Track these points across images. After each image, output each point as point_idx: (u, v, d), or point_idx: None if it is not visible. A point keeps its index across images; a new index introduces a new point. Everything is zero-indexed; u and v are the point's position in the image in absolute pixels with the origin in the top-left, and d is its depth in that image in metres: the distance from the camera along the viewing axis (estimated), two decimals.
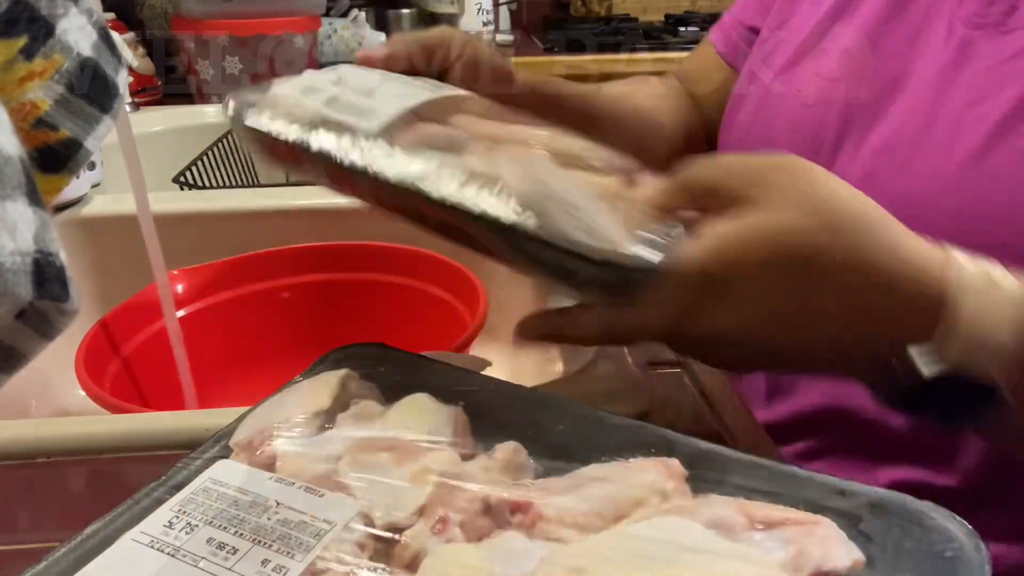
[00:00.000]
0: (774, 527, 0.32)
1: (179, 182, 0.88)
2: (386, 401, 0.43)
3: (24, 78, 0.28)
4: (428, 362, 0.47)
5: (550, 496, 0.35)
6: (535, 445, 0.39)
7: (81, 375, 0.58)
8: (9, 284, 0.23)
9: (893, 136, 0.53)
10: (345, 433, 0.39)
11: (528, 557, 0.32)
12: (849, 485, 0.35)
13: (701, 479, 0.36)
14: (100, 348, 0.65)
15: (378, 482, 0.36)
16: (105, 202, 0.83)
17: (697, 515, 0.33)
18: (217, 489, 0.36)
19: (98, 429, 0.46)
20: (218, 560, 0.32)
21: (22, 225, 0.24)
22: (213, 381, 0.75)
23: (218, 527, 0.34)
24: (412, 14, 2.13)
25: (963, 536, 0.32)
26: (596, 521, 0.34)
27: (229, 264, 0.76)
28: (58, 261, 0.25)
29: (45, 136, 0.28)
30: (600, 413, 0.42)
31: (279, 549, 0.33)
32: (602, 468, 0.37)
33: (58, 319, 0.26)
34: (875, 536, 0.33)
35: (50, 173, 0.29)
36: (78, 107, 0.29)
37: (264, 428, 0.40)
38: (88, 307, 0.71)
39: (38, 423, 0.47)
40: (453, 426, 0.40)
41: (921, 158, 0.51)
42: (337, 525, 0.34)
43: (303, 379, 0.45)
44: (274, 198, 0.83)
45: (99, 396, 0.56)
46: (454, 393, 0.43)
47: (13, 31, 0.27)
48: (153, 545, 0.33)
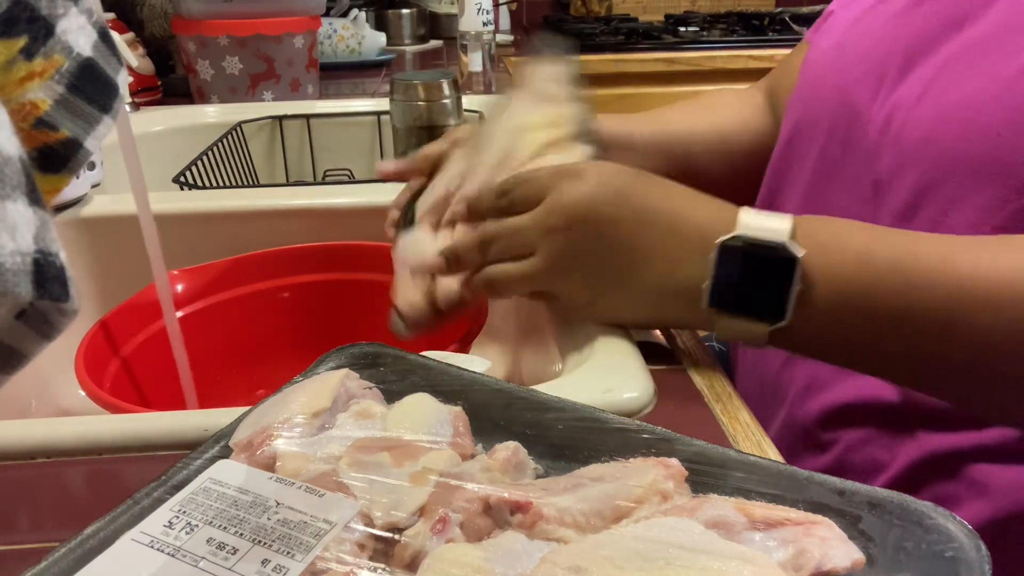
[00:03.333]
0: (774, 527, 0.32)
1: (179, 182, 0.88)
2: (386, 401, 0.43)
3: (24, 78, 0.28)
4: (428, 362, 0.47)
5: (550, 496, 0.35)
6: (535, 445, 0.39)
7: (81, 375, 0.58)
8: (9, 284, 0.23)
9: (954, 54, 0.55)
10: (345, 433, 0.40)
11: (528, 557, 0.32)
12: (849, 485, 0.35)
13: (701, 479, 0.36)
14: (100, 348, 0.65)
15: (378, 482, 0.36)
16: (105, 202, 0.83)
17: (697, 515, 0.33)
18: (217, 489, 0.36)
19: (98, 429, 0.46)
20: (218, 560, 0.32)
21: (22, 225, 0.24)
22: (213, 381, 0.75)
23: (218, 527, 0.34)
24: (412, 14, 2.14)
25: (963, 536, 0.32)
26: (596, 521, 0.34)
27: (228, 264, 0.76)
28: (58, 261, 0.25)
29: (45, 136, 0.28)
30: (600, 413, 0.42)
31: (279, 549, 0.33)
32: (602, 468, 0.37)
33: (58, 319, 0.26)
34: (875, 536, 0.33)
35: (50, 173, 0.29)
36: (78, 107, 0.29)
37: (264, 428, 0.40)
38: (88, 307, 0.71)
39: (38, 423, 0.47)
40: (453, 426, 0.40)
41: (978, 68, 0.52)
42: (337, 525, 0.34)
43: (303, 379, 0.45)
44: (274, 198, 0.83)
45: (99, 396, 0.56)
46: (454, 393, 0.43)
47: (13, 31, 0.27)
48: (153, 545, 0.33)
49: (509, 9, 2.06)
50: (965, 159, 0.51)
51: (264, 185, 1.09)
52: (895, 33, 0.61)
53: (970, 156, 0.51)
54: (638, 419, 0.41)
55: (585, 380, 0.49)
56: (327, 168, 1.16)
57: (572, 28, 2.12)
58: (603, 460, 0.38)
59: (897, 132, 0.56)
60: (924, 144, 0.54)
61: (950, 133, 0.52)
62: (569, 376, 0.50)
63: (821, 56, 0.69)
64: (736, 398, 0.50)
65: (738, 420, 0.48)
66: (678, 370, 0.54)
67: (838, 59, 0.65)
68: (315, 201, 0.82)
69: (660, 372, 0.51)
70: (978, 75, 0.52)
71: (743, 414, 0.48)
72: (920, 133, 0.54)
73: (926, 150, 0.53)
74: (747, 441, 0.46)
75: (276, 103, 1.22)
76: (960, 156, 0.51)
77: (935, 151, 0.53)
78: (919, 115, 0.55)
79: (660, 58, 1.90)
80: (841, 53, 0.65)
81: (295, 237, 0.80)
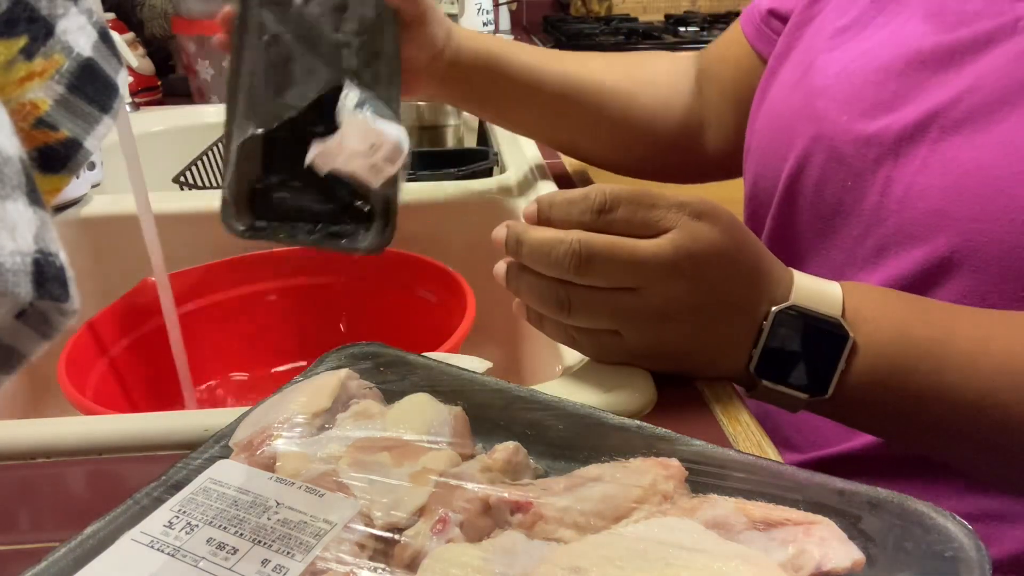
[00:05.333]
0: (774, 527, 0.32)
1: (179, 182, 0.88)
2: (386, 401, 0.43)
3: (24, 78, 0.28)
4: (428, 362, 0.47)
5: (550, 496, 0.35)
6: (535, 445, 0.39)
7: (63, 380, 0.57)
8: (9, 284, 0.23)
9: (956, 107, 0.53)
10: (345, 433, 0.40)
11: (528, 557, 0.32)
12: (849, 485, 0.35)
13: (701, 479, 0.36)
14: (85, 352, 0.64)
15: (378, 482, 0.36)
16: (105, 202, 0.83)
17: (697, 515, 0.33)
18: (217, 489, 0.36)
19: (98, 429, 0.46)
20: (218, 560, 0.32)
21: (22, 225, 0.24)
22: (206, 383, 0.75)
23: (218, 527, 0.34)
24: None
25: (963, 536, 0.32)
26: (596, 521, 0.34)
27: (217, 267, 0.76)
28: (58, 261, 0.25)
29: (45, 136, 0.28)
30: (600, 413, 0.42)
31: (279, 549, 0.33)
32: (602, 468, 0.37)
33: (58, 319, 0.26)
34: (875, 536, 0.33)
35: (50, 173, 0.29)
36: (78, 107, 0.29)
37: (264, 428, 0.40)
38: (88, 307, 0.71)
39: (38, 423, 0.47)
40: (453, 426, 0.40)
41: (992, 130, 0.51)
42: (337, 525, 0.34)
43: (303, 379, 0.45)
44: None
45: (80, 402, 0.55)
46: (454, 393, 0.43)
47: (13, 31, 0.27)
48: (153, 545, 0.33)
49: (509, 9, 2.06)
50: (984, 241, 0.50)
51: None
52: (877, 78, 0.57)
53: (989, 239, 0.49)
54: (638, 419, 0.41)
55: (585, 380, 0.49)
56: None
57: (572, 28, 2.12)
58: (603, 460, 0.38)
59: (900, 200, 0.54)
60: (934, 217, 0.52)
61: (964, 210, 0.50)
62: (569, 376, 0.50)
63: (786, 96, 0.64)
64: (736, 398, 0.50)
65: (738, 420, 0.48)
66: None
67: (807, 106, 0.61)
68: None
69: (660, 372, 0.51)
70: (992, 135, 0.51)
71: (743, 414, 0.48)
72: (928, 204, 0.52)
73: (938, 224, 0.52)
74: (747, 441, 0.46)
75: None
76: (978, 238, 0.50)
77: (948, 228, 0.51)
78: (925, 183, 0.53)
79: None
80: (811, 98, 0.61)
81: None
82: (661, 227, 0.46)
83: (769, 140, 0.65)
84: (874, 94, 0.57)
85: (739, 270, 0.47)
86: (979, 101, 0.52)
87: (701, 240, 0.46)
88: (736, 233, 0.47)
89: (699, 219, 0.46)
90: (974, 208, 0.50)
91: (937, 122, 0.53)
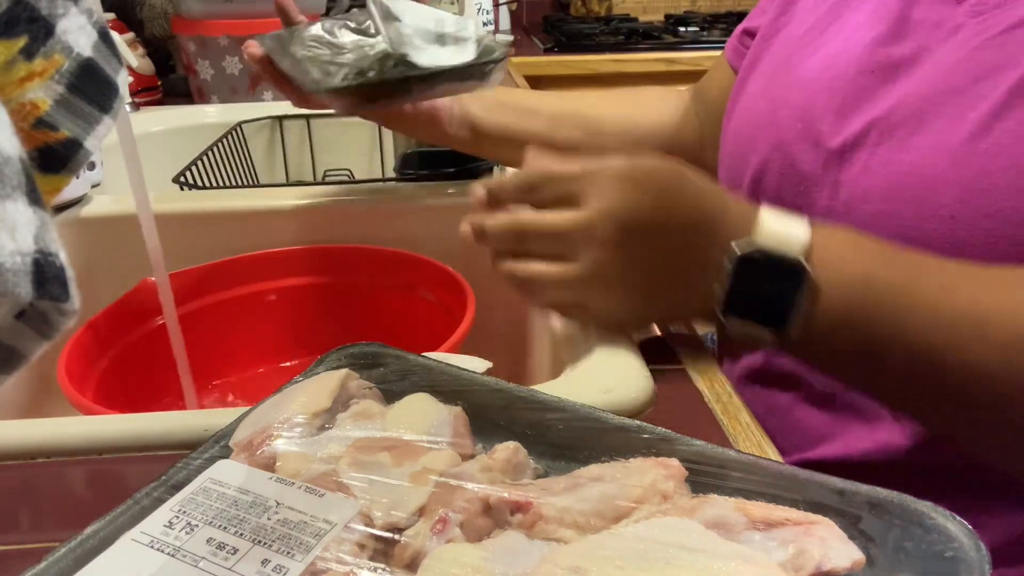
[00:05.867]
0: (774, 527, 0.32)
1: (179, 182, 0.88)
2: (386, 401, 0.43)
3: (24, 78, 0.28)
4: (428, 362, 0.47)
5: (550, 496, 0.35)
6: (535, 445, 0.39)
7: (63, 380, 0.58)
8: (9, 284, 0.23)
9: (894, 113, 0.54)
10: (345, 433, 0.40)
11: (528, 557, 0.32)
12: (849, 485, 0.35)
13: (701, 479, 0.36)
14: (85, 352, 0.64)
15: (378, 482, 0.36)
16: (105, 202, 0.83)
17: (697, 515, 0.33)
18: (217, 489, 0.36)
19: (98, 429, 0.46)
20: (218, 560, 0.32)
21: (22, 225, 0.24)
22: (206, 383, 0.75)
23: (218, 527, 0.34)
24: None
25: (963, 536, 0.32)
26: (596, 521, 0.34)
27: (217, 267, 0.76)
28: (58, 261, 0.25)
29: (45, 136, 0.28)
30: (600, 413, 0.42)
31: (279, 549, 0.33)
32: (602, 468, 0.37)
33: (58, 319, 0.26)
34: (875, 536, 0.33)
35: (50, 173, 0.29)
36: (78, 107, 0.29)
37: (264, 428, 0.40)
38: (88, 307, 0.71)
39: (38, 423, 0.47)
40: (453, 426, 0.40)
41: (924, 134, 0.52)
42: (337, 525, 0.34)
43: (303, 379, 0.45)
44: (274, 198, 0.83)
45: (80, 402, 0.55)
46: (454, 393, 0.43)
47: (13, 31, 0.27)
48: (153, 545, 0.33)
49: (509, 9, 2.06)
50: (922, 238, 0.51)
51: (264, 185, 1.09)
52: (830, 86, 0.59)
53: (928, 236, 0.51)
54: (638, 419, 0.41)
55: (585, 380, 0.49)
56: (327, 168, 1.16)
57: (572, 28, 2.12)
58: (603, 460, 0.38)
59: (846, 203, 0.56)
60: (877, 218, 0.53)
61: (904, 211, 0.52)
62: (569, 376, 0.50)
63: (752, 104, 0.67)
64: (736, 398, 0.50)
65: (738, 420, 0.48)
66: (678, 370, 0.54)
67: (771, 113, 0.63)
68: (315, 201, 0.82)
69: (660, 372, 0.51)
70: (924, 138, 0.52)
71: (743, 414, 0.49)
72: (871, 206, 0.54)
73: (882, 224, 0.53)
74: (747, 441, 0.46)
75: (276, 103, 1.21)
76: (917, 235, 0.51)
77: (892, 228, 0.52)
78: (867, 184, 0.54)
79: (660, 58, 1.90)
80: (774, 106, 0.64)
81: (295, 237, 0.80)
82: (583, 198, 0.49)
83: (736, 148, 0.68)
84: (827, 101, 0.59)
85: (675, 221, 0.49)
86: (913, 106, 0.54)
87: (622, 203, 0.49)
88: (663, 184, 0.50)
89: (621, 183, 0.49)
90: (911, 208, 0.52)
91: (877, 127, 0.55)
